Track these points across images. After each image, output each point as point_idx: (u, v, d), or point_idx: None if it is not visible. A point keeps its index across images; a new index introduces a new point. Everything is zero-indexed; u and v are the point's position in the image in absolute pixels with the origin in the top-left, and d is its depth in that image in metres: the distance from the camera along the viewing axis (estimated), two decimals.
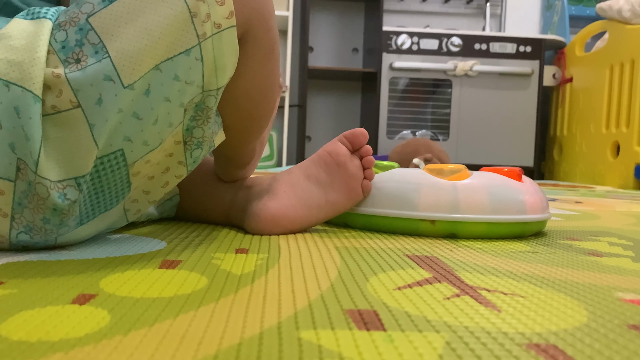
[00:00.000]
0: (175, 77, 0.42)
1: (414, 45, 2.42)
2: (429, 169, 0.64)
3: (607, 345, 0.26)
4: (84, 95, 0.39)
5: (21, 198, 0.40)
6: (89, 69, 0.39)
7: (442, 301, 0.33)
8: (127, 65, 0.39)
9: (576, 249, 0.55)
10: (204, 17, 0.41)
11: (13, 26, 0.40)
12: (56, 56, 0.39)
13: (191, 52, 0.42)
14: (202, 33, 0.42)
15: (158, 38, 0.40)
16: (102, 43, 0.39)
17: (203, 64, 0.43)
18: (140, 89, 0.41)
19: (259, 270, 0.40)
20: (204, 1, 0.41)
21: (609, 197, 1.43)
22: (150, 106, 0.42)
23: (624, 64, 2.08)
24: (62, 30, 0.40)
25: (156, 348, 0.24)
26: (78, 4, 0.41)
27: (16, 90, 0.38)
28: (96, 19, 0.40)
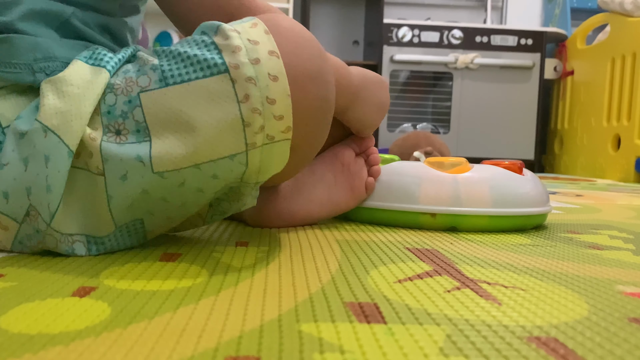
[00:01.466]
0: (214, 176, 0.39)
1: (414, 37, 2.41)
2: (430, 162, 0.64)
3: (608, 339, 0.26)
4: (110, 167, 0.37)
5: (23, 239, 0.39)
6: (125, 146, 0.37)
7: (443, 294, 0.33)
8: (164, 156, 0.37)
9: (577, 242, 0.55)
10: (257, 128, 0.38)
11: (72, 70, 0.39)
12: (100, 118, 0.38)
13: (236, 157, 0.38)
14: (251, 142, 0.38)
15: (203, 139, 0.37)
16: (146, 124, 0.37)
17: (247, 168, 0.39)
18: (172, 181, 0.38)
19: (260, 263, 0.40)
20: (260, 114, 0.37)
21: (610, 190, 1.43)
22: (180, 194, 0.40)
23: (625, 57, 2.07)
24: (113, 94, 0.38)
25: (156, 341, 0.24)
26: (140, 69, 0.39)
27: (53, 138, 0.37)
28: (147, 98, 0.37)
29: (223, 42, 0.38)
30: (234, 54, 0.37)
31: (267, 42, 0.38)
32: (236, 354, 0.23)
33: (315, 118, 0.43)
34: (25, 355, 0.22)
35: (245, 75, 0.37)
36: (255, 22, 0.40)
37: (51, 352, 0.22)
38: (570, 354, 0.24)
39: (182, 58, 0.38)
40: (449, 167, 0.63)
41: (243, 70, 0.37)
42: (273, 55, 0.38)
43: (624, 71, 2.08)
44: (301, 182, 0.59)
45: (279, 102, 0.38)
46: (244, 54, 0.37)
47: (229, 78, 0.37)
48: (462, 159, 0.64)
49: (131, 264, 0.39)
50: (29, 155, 0.37)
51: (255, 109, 0.37)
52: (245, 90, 0.37)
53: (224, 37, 0.38)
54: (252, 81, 0.37)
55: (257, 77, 0.37)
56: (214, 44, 0.38)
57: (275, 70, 0.38)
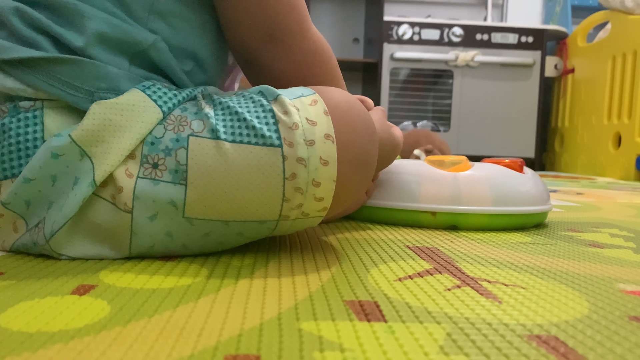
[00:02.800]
0: (240, 234, 0.39)
1: (415, 35, 2.41)
2: (430, 160, 0.64)
3: (609, 337, 0.26)
4: (141, 205, 0.36)
5: (19, 246, 0.39)
6: (161, 185, 0.36)
7: (443, 292, 0.33)
8: (197, 207, 0.37)
9: (577, 241, 0.55)
10: (295, 205, 0.38)
11: (127, 99, 0.37)
12: (141, 146, 0.37)
13: (266, 223, 0.39)
14: (285, 215, 0.38)
15: (240, 203, 0.37)
16: (186, 168, 0.36)
17: (273, 232, 0.40)
18: (199, 229, 0.38)
19: (260, 262, 0.40)
20: (302, 193, 0.37)
21: (610, 188, 1.43)
22: (202, 244, 0.40)
23: (626, 55, 2.07)
24: (163, 127, 0.37)
25: (156, 339, 0.24)
26: (197, 112, 0.38)
27: (87, 164, 0.36)
28: (195, 143, 0.36)
29: (282, 115, 0.37)
30: (291, 130, 0.37)
31: (325, 124, 0.38)
32: (236, 352, 0.23)
33: (353, 197, 0.42)
34: (25, 354, 0.22)
35: (297, 156, 0.37)
36: (316, 100, 0.39)
37: (50, 350, 0.22)
38: (571, 352, 0.24)
39: (239, 118, 0.37)
40: (449, 166, 0.62)
41: (296, 149, 0.37)
42: (328, 139, 0.38)
43: (625, 69, 2.08)
44: None
45: (324, 185, 0.38)
46: (300, 133, 0.37)
47: (281, 154, 0.36)
48: (462, 157, 0.64)
49: (131, 262, 0.38)
50: (59, 173, 0.36)
51: (299, 188, 0.37)
52: (294, 170, 0.37)
53: (283, 110, 0.38)
54: (303, 162, 0.37)
55: (308, 159, 0.37)
56: (273, 113, 0.37)
57: (327, 155, 0.37)
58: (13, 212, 0.37)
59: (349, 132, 0.39)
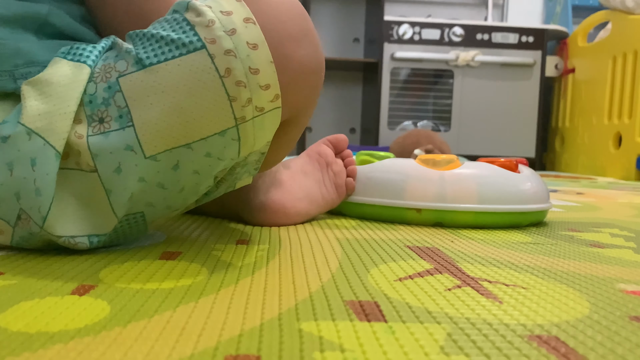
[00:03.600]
0: (208, 154, 0.38)
1: (415, 35, 2.41)
2: (422, 159, 0.64)
3: (609, 337, 0.26)
4: (102, 161, 0.36)
5: (19, 241, 0.39)
6: (111, 136, 0.36)
7: (443, 292, 0.33)
8: (152, 139, 0.36)
9: (577, 240, 0.55)
10: (245, 102, 0.36)
11: (52, 70, 0.38)
12: (82, 109, 0.37)
13: (227, 133, 0.37)
14: (240, 116, 0.37)
15: (190, 118, 0.36)
16: (128, 109, 0.36)
17: (240, 143, 0.39)
18: (166, 163, 0.38)
19: (260, 262, 0.40)
20: (245, 86, 0.36)
21: (611, 188, 1.43)
22: (177, 178, 0.39)
23: (626, 55, 2.07)
24: (93, 83, 0.37)
25: (156, 339, 0.24)
26: (118, 54, 0.38)
27: (38, 141, 0.36)
28: (126, 82, 0.36)
29: (195, 18, 0.36)
30: (208, 28, 0.36)
31: (241, 9, 0.37)
32: (236, 352, 0.23)
33: (305, 81, 0.40)
34: (24, 354, 0.22)
35: (223, 48, 0.35)
36: None
37: (50, 350, 0.22)
38: (571, 352, 0.24)
39: (157, 39, 0.37)
40: (443, 165, 0.63)
41: (220, 43, 0.35)
42: (249, 22, 0.36)
43: (625, 69, 2.08)
44: (301, 182, 0.60)
45: (263, 70, 0.36)
46: (218, 26, 0.36)
47: (207, 54, 0.35)
48: (452, 156, 0.64)
49: (131, 262, 0.38)
50: (14, 160, 0.36)
51: (239, 81, 0.36)
52: (226, 64, 0.35)
53: (196, 13, 0.37)
54: (232, 53, 0.35)
55: (236, 48, 0.36)
56: (187, 21, 0.36)
57: (253, 38, 0.36)
58: None
59: (270, 10, 0.38)
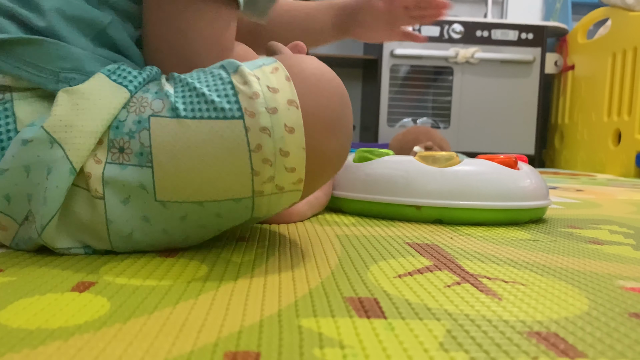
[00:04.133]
0: (218, 215, 0.38)
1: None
2: (421, 156, 0.64)
3: (608, 334, 0.26)
4: (111, 190, 0.36)
5: (19, 241, 0.39)
6: (128, 169, 0.36)
7: (443, 289, 0.33)
8: (166, 187, 0.36)
9: (577, 237, 0.55)
10: (267, 179, 0.36)
11: (92, 86, 0.37)
12: (108, 132, 0.37)
13: (242, 201, 0.37)
14: (258, 190, 0.37)
15: (208, 180, 0.36)
16: (151, 150, 0.36)
17: (253, 212, 0.39)
18: (174, 212, 0.37)
19: (259, 259, 0.40)
20: (271, 165, 0.36)
21: (610, 185, 1.43)
22: (183, 228, 0.39)
23: (626, 52, 2.07)
24: (126, 110, 0.37)
25: (156, 336, 0.24)
26: (157, 92, 0.38)
27: (58, 152, 0.35)
28: (157, 123, 0.36)
29: (241, 85, 0.36)
30: (251, 100, 0.36)
31: (288, 90, 0.37)
32: (236, 349, 0.23)
33: (330, 168, 0.41)
34: (24, 350, 0.22)
35: (260, 125, 0.35)
36: (277, 67, 0.38)
37: (50, 347, 0.22)
38: (571, 349, 0.24)
39: (197, 94, 0.36)
40: (440, 162, 0.63)
41: (259, 118, 0.35)
42: (292, 105, 0.36)
43: (625, 66, 2.07)
44: None
45: (293, 154, 0.36)
46: (261, 101, 0.36)
47: (243, 125, 0.35)
48: (452, 153, 0.64)
49: (130, 259, 0.38)
50: (31, 164, 0.36)
51: (267, 159, 0.36)
52: (258, 140, 0.35)
53: (243, 80, 0.36)
54: (267, 131, 0.35)
55: (272, 127, 0.36)
56: (232, 85, 0.36)
57: (292, 122, 0.36)
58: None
59: (317, 97, 0.37)
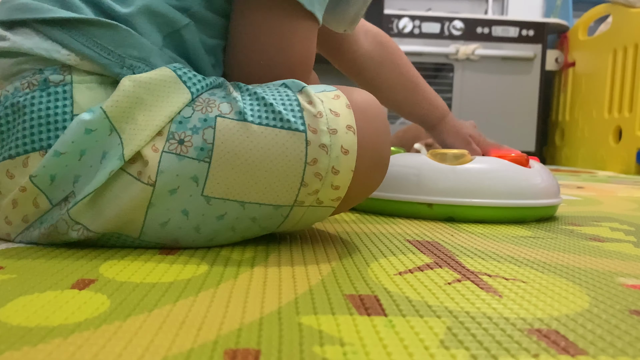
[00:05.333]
0: (253, 219, 0.40)
1: (415, 28, 2.40)
2: (433, 154, 0.64)
3: (609, 331, 0.26)
4: (164, 179, 0.37)
5: (42, 221, 0.39)
6: (185, 161, 0.37)
7: (443, 286, 0.33)
8: (217, 183, 0.38)
9: (578, 234, 0.55)
10: (312, 191, 0.39)
11: (158, 78, 0.38)
12: (169, 125, 0.38)
13: (280, 208, 0.40)
14: (300, 200, 0.39)
15: (258, 182, 0.38)
16: (213, 146, 0.37)
17: (285, 221, 0.41)
18: (215, 209, 0.39)
19: (259, 256, 0.40)
20: (320, 179, 0.39)
21: (611, 182, 1.43)
22: (215, 228, 0.40)
23: (627, 48, 2.06)
24: (191, 109, 0.38)
25: (155, 333, 0.24)
26: (225, 96, 0.39)
27: (116, 139, 0.37)
28: (223, 123, 0.38)
29: (307, 104, 0.39)
30: (315, 118, 0.39)
31: (348, 116, 0.40)
32: (236, 346, 0.23)
33: (364, 194, 0.44)
34: (24, 348, 0.22)
35: (320, 142, 0.38)
36: (338, 95, 0.41)
37: (50, 344, 0.22)
38: (571, 346, 0.24)
39: (265, 103, 0.39)
40: (452, 160, 0.63)
41: (320, 136, 0.38)
42: (350, 130, 0.39)
43: (626, 62, 2.07)
44: None
45: (342, 174, 0.39)
46: (324, 121, 0.39)
47: (305, 139, 0.38)
48: (464, 151, 0.64)
49: (131, 256, 0.38)
50: (88, 148, 0.37)
51: (319, 174, 0.39)
52: (316, 155, 0.38)
53: (308, 100, 0.39)
54: (325, 149, 0.38)
55: (330, 146, 0.38)
56: (298, 102, 0.39)
57: (348, 145, 0.39)
58: (36, 188, 0.37)
59: (368, 129, 0.41)
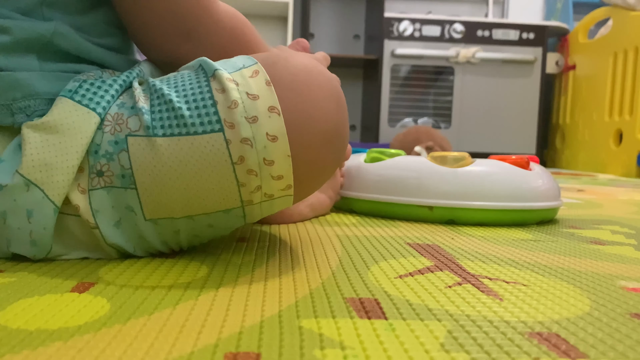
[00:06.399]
0: (210, 225, 0.37)
1: (416, 31, 2.40)
2: (433, 157, 0.64)
3: (610, 334, 0.26)
4: (103, 217, 0.35)
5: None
6: (113, 191, 0.35)
7: (444, 289, 0.33)
8: (153, 207, 0.35)
9: (578, 237, 0.55)
10: (254, 188, 0.35)
11: (58, 114, 0.35)
12: (87, 158, 0.35)
13: (232, 211, 0.36)
14: (247, 200, 0.36)
15: (194, 196, 0.35)
16: (132, 172, 0.34)
17: (245, 219, 0.38)
18: (167, 227, 0.37)
19: (259, 259, 0.40)
20: (256, 175, 0.35)
21: (611, 185, 1.43)
22: (178, 240, 0.38)
23: (627, 51, 2.06)
24: (101, 132, 0.35)
25: (156, 337, 0.24)
26: (133, 107, 0.35)
27: (37, 193, 0.34)
28: (134, 143, 0.34)
29: (219, 93, 0.34)
30: (230, 110, 0.34)
31: (268, 96, 0.35)
32: (236, 350, 0.23)
33: (325, 174, 0.39)
34: (24, 352, 0.22)
35: (241, 136, 0.34)
36: (257, 70, 0.36)
37: (50, 348, 0.22)
38: (572, 349, 0.24)
39: (173, 107, 0.34)
40: (452, 162, 0.63)
41: (239, 129, 0.34)
42: (273, 111, 0.34)
43: (626, 65, 2.07)
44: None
45: (278, 163, 0.35)
46: (241, 110, 0.34)
47: (224, 138, 0.34)
48: (464, 154, 0.64)
49: (130, 259, 0.38)
50: (7, 210, 0.34)
51: (251, 170, 0.34)
52: (241, 152, 0.34)
53: (221, 88, 0.34)
54: (248, 142, 0.34)
55: (253, 137, 0.34)
56: (210, 94, 0.35)
57: (274, 130, 0.34)
58: None
59: (306, 101, 0.35)
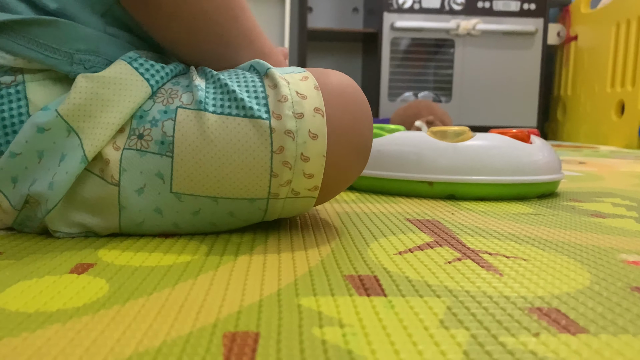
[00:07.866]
0: (230, 213, 0.38)
1: (415, 3, 2.36)
2: (433, 131, 0.64)
3: (610, 308, 0.26)
4: (128, 177, 0.36)
5: (23, 220, 0.38)
6: (147, 156, 0.36)
7: (444, 265, 0.33)
8: (184, 179, 0.36)
9: (579, 211, 0.55)
10: (284, 182, 0.37)
11: (115, 73, 0.36)
12: (130, 121, 0.36)
13: (256, 202, 0.38)
14: (274, 193, 0.37)
15: (226, 176, 0.36)
16: (173, 140, 0.36)
17: (266, 214, 0.39)
18: (188, 206, 0.37)
19: (259, 238, 0.40)
20: (290, 168, 0.36)
21: (613, 157, 1.42)
22: (193, 223, 0.39)
23: (630, 21, 2.03)
24: (152, 101, 0.37)
25: (155, 317, 0.24)
26: (189, 85, 0.38)
27: (74, 140, 0.35)
28: (183, 115, 0.36)
29: (271, 89, 0.37)
30: (279, 103, 0.36)
31: (316, 98, 0.37)
32: (235, 329, 0.23)
33: (346, 181, 0.41)
34: (23, 334, 0.22)
35: (285, 128, 0.36)
36: (307, 75, 0.39)
37: (49, 330, 0.22)
38: (572, 325, 0.24)
39: (228, 90, 0.37)
40: (452, 137, 0.62)
41: (285, 121, 0.36)
42: (318, 112, 0.37)
43: (629, 36, 2.04)
44: None
45: (313, 160, 0.37)
46: (289, 105, 0.36)
47: (269, 126, 0.36)
48: (464, 128, 0.63)
49: (129, 240, 0.38)
50: (45, 150, 0.36)
51: (287, 162, 0.36)
52: (281, 142, 0.36)
53: (272, 84, 0.37)
54: (291, 135, 0.36)
55: (296, 131, 0.36)
56: (263, 87, 0.37)
57: (316, 129, 0.36)
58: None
59: (343, 113, 0.38)
